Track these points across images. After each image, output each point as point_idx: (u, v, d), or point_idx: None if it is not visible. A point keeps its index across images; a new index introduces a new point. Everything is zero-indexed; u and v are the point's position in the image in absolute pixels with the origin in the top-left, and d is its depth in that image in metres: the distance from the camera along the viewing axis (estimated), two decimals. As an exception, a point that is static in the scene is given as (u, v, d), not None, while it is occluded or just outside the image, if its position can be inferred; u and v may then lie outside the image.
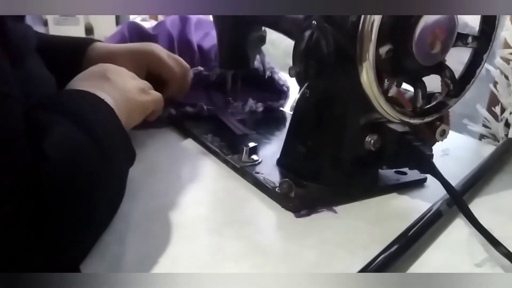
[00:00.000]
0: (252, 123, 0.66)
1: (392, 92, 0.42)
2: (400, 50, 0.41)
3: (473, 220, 0.39)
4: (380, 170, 0.50)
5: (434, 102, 0.47)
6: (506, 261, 0.37)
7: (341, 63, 0.43)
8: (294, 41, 0.48)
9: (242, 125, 0.63)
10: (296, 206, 0.44)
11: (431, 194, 0.48)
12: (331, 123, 0.46)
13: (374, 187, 0.49)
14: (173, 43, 0.73)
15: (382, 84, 0.42)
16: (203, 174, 0.52)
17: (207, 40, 0.76)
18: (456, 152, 0.62)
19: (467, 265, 0.38)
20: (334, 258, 0.38)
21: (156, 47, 0.63)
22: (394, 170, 0.51)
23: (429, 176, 0.50)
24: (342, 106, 0.45)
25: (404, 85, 0.44)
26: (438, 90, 0.47)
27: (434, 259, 0.38)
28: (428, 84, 0.45)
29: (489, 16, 0.45)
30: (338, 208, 0.45)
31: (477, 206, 0.47)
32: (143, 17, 1.55)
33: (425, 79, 0.45)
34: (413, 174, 0.51)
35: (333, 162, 0.47)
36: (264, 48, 0.66)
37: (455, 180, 0.48)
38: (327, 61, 0.44)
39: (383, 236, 0.39)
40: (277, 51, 1.15)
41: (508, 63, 0.70)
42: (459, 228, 0.43)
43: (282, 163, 0.51)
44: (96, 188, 0.35)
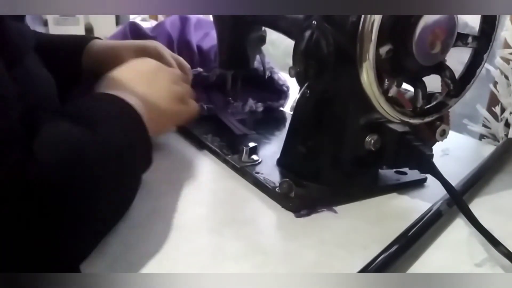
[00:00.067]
0: (252, 123, 0.66)
1: (392, 92, 0.42)
2: (400, 50, 0.41)
3: (473, 220, 0.39)
4: (380, 170, 0.50)
5: (434, 102, 0.47)
6: (506, 261, 0.37)
7: (341, 63, 0.43)
8: (294, 41, 0.48)
9: (242, 125, 0.63)
10: (296, 206, 0.44)
11: (431, 194, 0.48)
12: (331, 123, 0.46)
13: (374, 187, 0.49)
14: (172, 45, 0.73)
15: (382, 84, 0.42)
16: (203, 174, 0.52)
17: (207, 40, 0.76)
18: (456, 152, 0.62)
19: (467, 265, 0.38)
20: (334, 258, 0.38)
21: (159, 44, 0.63)
22: (394, 170, 0.51)
23: (429, 176, 0.50)
24: (342, 106, 0.45)
25: (404, 85, 0.44)
26: (438, 90, 0.47)
27: (434, 259, 0.38)
28: (428, 84, 0.45)
29: (489, 16, 0.45)
30: (338, 208, 0.45)
31: (477, 206, 0.47)
32: (143, 17, 1.55)
33: (425, 79, 0.45)
34: (413, 174, 0.51)
35: (333, 162, 0.47)
36: (264, 48, 0.66)
37: (455, 180, 0.48)
38: (327, 61, 0.44)
39: (383, 236, 0.39)
40: (277, 51, 1.15)
41: (508, 63, 0.70)
42: (459, 228, 0.43)
43: (282, 163, 0.51)
44: (96, 189, 0.34)
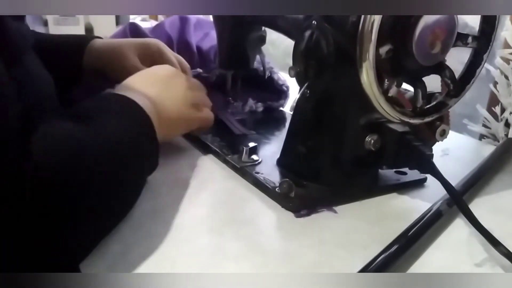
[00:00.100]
0: (252, 123, 0.66)
1: (392, 92, 0.42)
2: (400, 50, 0.41)
3: (473, 220, 0.39)
4: (380, 170, 0.50)
5: (434, 102, 0.47)
6: (506, 261, 0.37)
7: (341, 63, 0.43)
8: (294, 41, 0.48)
9: (241, 125, 0.63)
10: (296, 206, 0.44)
11: (431, 194, 0.48)
12: (331, 123, 0.46)
13: (374, 187, 0.49)
14: (172, 45, 0.73)
15: (382, 84, 0.42)
16: (203, 174, 0.52)
17: (207, 40, 0.76)
18: (456, 152, 0.62)
19: (467, 265, 0.38)
20: (334, 258, 0.38)
21: (161, 42, 0.64)
22: (394, 170, 0.51)
23: (429, 176, 0.50)
24: (342, 106, 0.45)
25: (404, 85, 0.44)
26: (438, 90, 0.47)
27: (434, 259, 0.38)
28: (428, 84, 0.45)
29: (489, 16, 0.45)
30: (338, 208, 0.45)
31: (477, 206, 0.47)
32: (143, 17, 1.55)
33: (425, 79, 0.45)
34: (413, 174, 0.51)
35: (333, 162, 0.47)
36: (264, 48, 0.66)
37: (455, 180, 0.48)
38: (327, 61, 0.44)
39: (383, 236, 0.39)
40: (277, 51, 1.15)
41: (508, 63, 0.70)
42: (459, 228, 0.43)
43: (282, 163, 0.51)
44: (94, 188, 0.34)
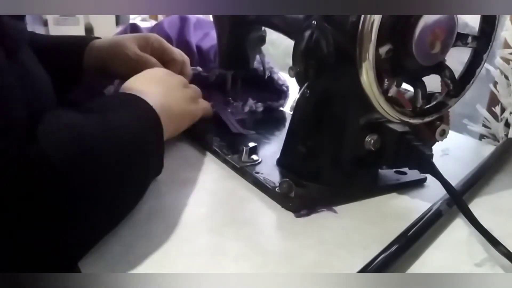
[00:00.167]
0: (252, 123, 0.66)
1: (392, 92, 0.42)
2: (400, 50, 0.41)
3: (473, 220, 0.39)
4: (380, 170, 0.50)
5: (434, 102, 0.47)
6: (506, 261, 0.37)
7: (341, 63, 0.43)
8: (294, 41, 0.48)
9: (239, 125, 0.63)
10: (296, 206, 0.44)
11: (431, 194, 0.48)
12: (331, 123, 0.46)
13: (374, 187, 0.49)
14: (171, 45, 0.73)
15: (382, 84, 0.42)
16: (203, 174, 0.52)
17: (206, 40, 0.76)
18: (456, 152, 0.62)
19: (467, 265, 0.38)
20: (334, 258, 0.38)
21: (159, 37, 0.65)
22: (394, 170, 0.51)
23: (429, 176, 0.50)
24: (342, 106, 0.45)
25: (404, 85, 0.44)
26: (438, 90, 0.47)
27: (434, 259, 0.38)
28: (428, 84, 0.45)
29: (489, 16, 0.45)
30: (338, 208, 0.45)
31: (477, 206, 0.47)
32: (143, 17, 1.55)
33: (425, 79, 0.45)
34: (413, 174, 0.51)
35: (333, 162, 0.47)
36: (264, 48, 0.66)
37: (455, 180, 0.48)
38: (327, 61, 0.44)
39: (383, 236, 0.39)
40: (277, 51, 1.15)
41: (508, 63, 0.70)
42: (459, 228, 0.43)
43: (282, 163, 0.51)
44: (96, 186, 0.34)
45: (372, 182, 0.49)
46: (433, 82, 0.46)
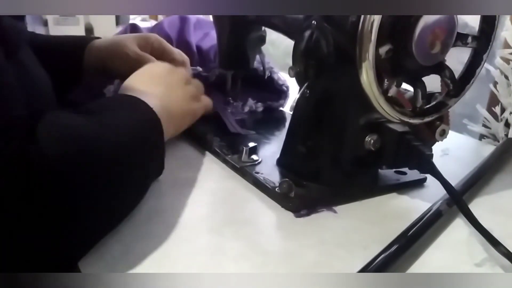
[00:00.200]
0: (252, 123, 0.66)
1: (392, 92, 0.42)
2: (400, 50, 0.41)
3: (473, 220, 0.39)
4: (380, 170, 0.50)
5: (434, 102, 0.47)
6: (506, 261, 0.37)
7: (341, 63, 0.43)
8: (294, 41, 0.48)
9: (239, 125, 0.63)
10: (296, 206, 0.44)
11: (431, 194, 0.48)
12: (331, 123, 0.46)
13: (374, 187, 0.49)
14: (171, 45, 0.73)
15: (382, 84, 0.42)
16: (203, 174, 0.52)
17: (206, 40, 0.76)
18: (456, 152, 0.62)
19: (467, 265, 0.38)
20: (334, 258, 0.38)
21: (159, 37, 0.65)
22: (394, 170, 0.51)
23: (429, 176, 0.50)
24: (342, 106, 0.45)
25: (404, 85, 0.44)
26: (438, 90, 0.47)
27: (434, 259, 0.38)
28: (428, 84, 0.45)
29: (489, 16, 0.45)
30: (338, 208, 0.45)
31: (477, 206, 0.47)
32: (143, 17, 1.55)
33: (425, 79, 0.45)
34: (413, 174, 0.51)
35: (333, 162, 0.47)
36: (264, 48, 0.66)
37: (455, 180, 0.48)
38: (327, 61, 0.44)
39: (383, 236, 0.39)
40: (277, 51, 1.15)
41: (508, 63, 0.70)
42: (459, 228, 0.43)
43: (282, 163, 0.51)
44: (95, 186, 0.34)
45: (372, 182, 0.49)
46: (433, 82, 0.46)
